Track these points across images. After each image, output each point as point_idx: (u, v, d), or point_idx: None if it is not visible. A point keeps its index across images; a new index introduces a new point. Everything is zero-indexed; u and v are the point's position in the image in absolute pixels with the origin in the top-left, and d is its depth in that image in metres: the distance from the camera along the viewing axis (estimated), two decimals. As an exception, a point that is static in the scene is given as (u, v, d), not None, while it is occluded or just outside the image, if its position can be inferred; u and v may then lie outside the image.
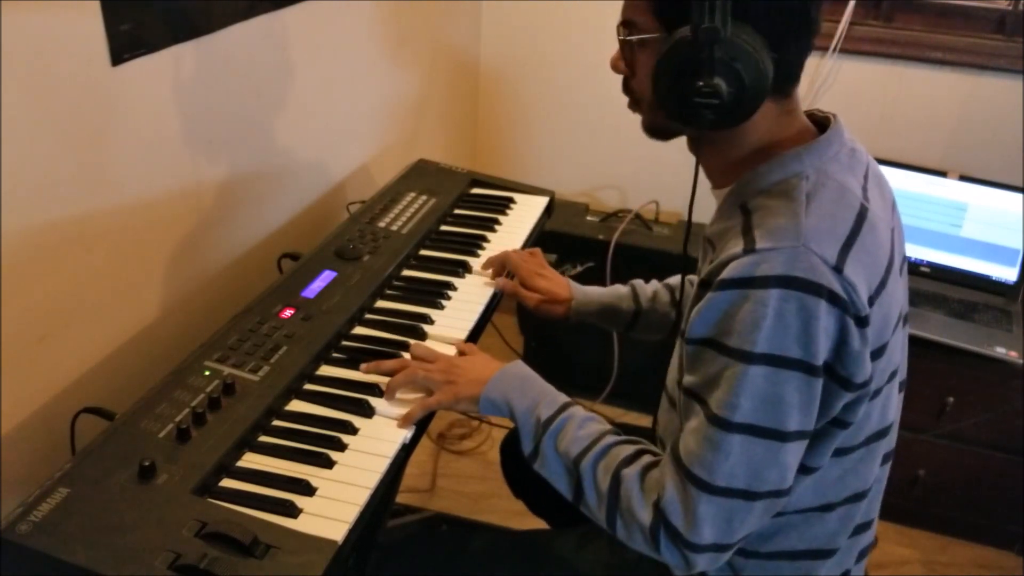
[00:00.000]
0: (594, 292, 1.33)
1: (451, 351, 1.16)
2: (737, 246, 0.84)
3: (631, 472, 0.93)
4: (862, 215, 0.87)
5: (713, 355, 0.85)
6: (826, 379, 0.84)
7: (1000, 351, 1.82)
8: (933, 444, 1.94)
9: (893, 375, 0.94)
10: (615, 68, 0.98)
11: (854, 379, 0.85)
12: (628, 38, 0.93)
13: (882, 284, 0.87)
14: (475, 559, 1.14)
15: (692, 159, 0.98)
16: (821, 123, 0.96)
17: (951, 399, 1.88)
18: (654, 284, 1.34)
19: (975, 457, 1.94)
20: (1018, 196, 1.96)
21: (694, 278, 1.31)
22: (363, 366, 1.11)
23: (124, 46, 1.08)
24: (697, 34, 0.81)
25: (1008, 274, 2.00)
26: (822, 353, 0.82)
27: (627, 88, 0.99)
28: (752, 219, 0.87)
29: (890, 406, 0.96)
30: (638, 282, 1.34)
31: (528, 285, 1.32)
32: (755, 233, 0.85)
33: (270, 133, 1.48)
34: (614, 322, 1.33)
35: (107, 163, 1.11)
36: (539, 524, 1.45)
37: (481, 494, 2.08)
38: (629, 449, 0.96)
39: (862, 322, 0.83)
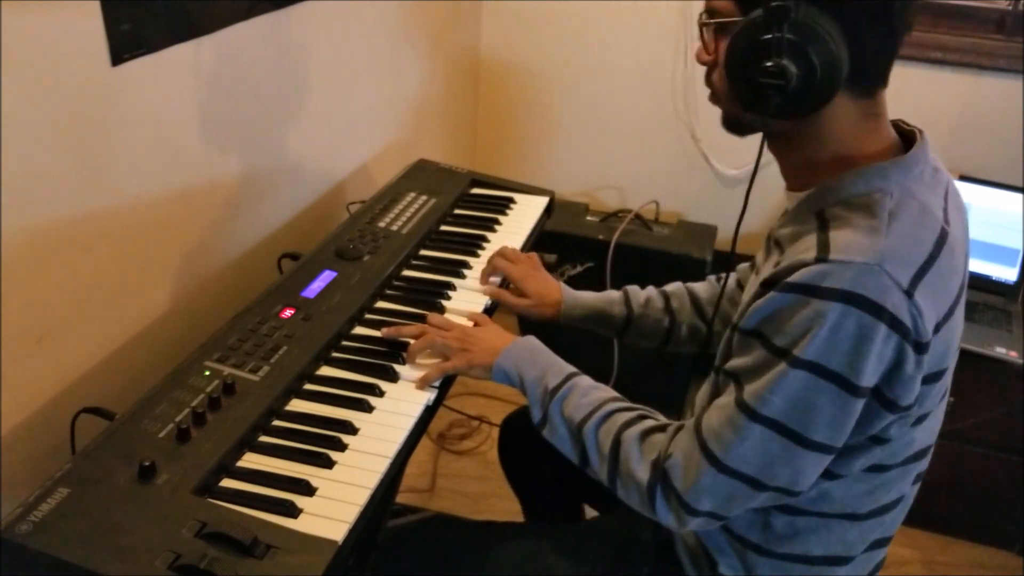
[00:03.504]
0: (585, 296, 1.32)
1: (466, 323, 1.21)
2: (809, 252, 0.83)
3: (631, 434, 0.96)
4: (942, 238, 0.85)
5: (759, 348, 0.85)
6: (870, 399, 0.84)
7: (1000, 351, 1.82)
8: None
9: (943, 397, 0.95)
10: (699, 59, 0.95)
11: (899, 402, 0.84)
12: (706, 22, 0.91)
13: (950, 311, 0.86)
14: (475, 559, 1.15)
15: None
16: (906, 136, 0.93)
17: (951, 399, 1.87)
18: (649, 290, 1.33)
19: (975, 457, 1.94)
20: (1018, 196, 1.96)
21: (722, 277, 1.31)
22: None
23: (124, 46, 1.08)
24: (767, 12, 0.80)
25: (1008, 274, 2.00)
26: (868, 376, 0.81)
27: (708, 80, 0.96)
28: (829, 228, 0.85)
29: (935, 428, 0.96)
30: (632, 287, 1.33)
31: (519, 288, 1.32)
32: (831, 244, 0.83)
33: (270, 133, 1.48)
34: (605, 327, 1.31)
35: (107, 163, 1.11)
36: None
37: (481, 494, 2.08)
38: (630, 414, 0.99)
39: (921, 348, 0.82)
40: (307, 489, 0.91)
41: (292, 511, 0.88)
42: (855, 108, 0.88)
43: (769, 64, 0.81)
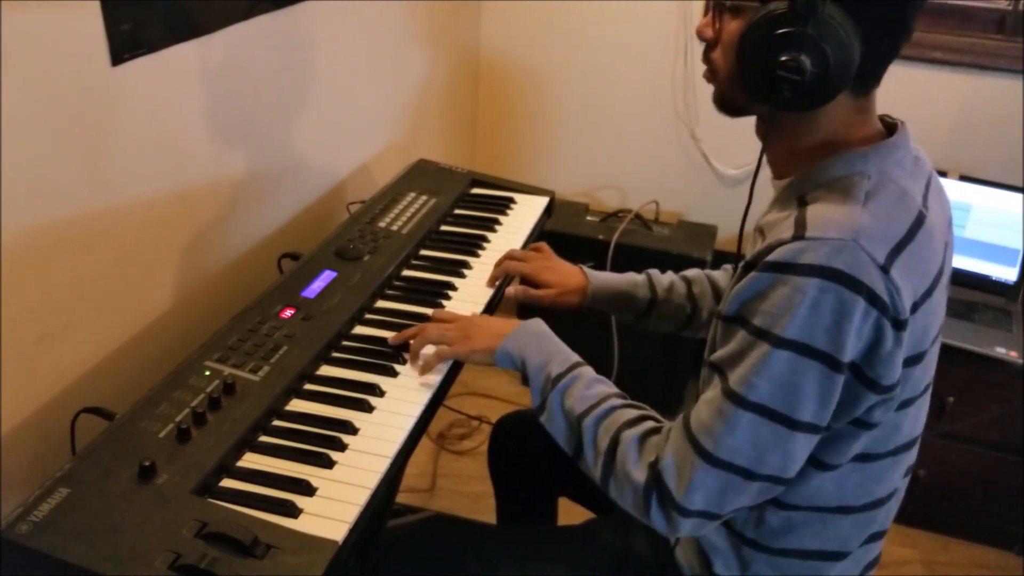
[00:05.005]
0: (610, 278, 1.32)
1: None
2: (787, 232, 0.84)
3: (630, 434, 0.95)
4: (919, 221, 0.87)
5: (741, 332, 0.86)
6: (851, 378, 0.84)
7: (1000, 351, 1.82)
8: (933, 444, 1.93)
9: (927, 388, 0.95)
10: (701, 34, 0.95)
11: (881, 381, 0.85)
12: (724, 2, 0.90)
13: (928, 293, 0.87)
14: (475, 559, 1.15)
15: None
16: (890, 129, 0.95)
17: (951, 399, 1.88)
18: (670, 275, 1.33)
19: (975, 457, 1.94)
20: (1018, 196, 1.96)
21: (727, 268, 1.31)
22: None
23: (124, 46, 1.08)
24: (794, 6, 0.81)
25: (1008, 274, 2.00)
26: (849, 351, 0.82)
27: (706, 57, 0.96)
28: (807, 210, 0.86)
29: (920, 418, 0.97)
30: (654, 271, 1.34)
31: (538, 282, 1.31)
32: (807, 222, 0.84)
33: (270, 133, 1.48)
34: (628, 310, 1.32)
35: (107, 163, 1.11)
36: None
37: (481, 494, 2.08)
38: (632, 413, 0.98)
39: (900, 325, 0.82)
40: (307, 489, 0.91)
41: (292, 511, 0.88)
42: (850, 104, 0.90)
43: (787, 58, 0.82)
